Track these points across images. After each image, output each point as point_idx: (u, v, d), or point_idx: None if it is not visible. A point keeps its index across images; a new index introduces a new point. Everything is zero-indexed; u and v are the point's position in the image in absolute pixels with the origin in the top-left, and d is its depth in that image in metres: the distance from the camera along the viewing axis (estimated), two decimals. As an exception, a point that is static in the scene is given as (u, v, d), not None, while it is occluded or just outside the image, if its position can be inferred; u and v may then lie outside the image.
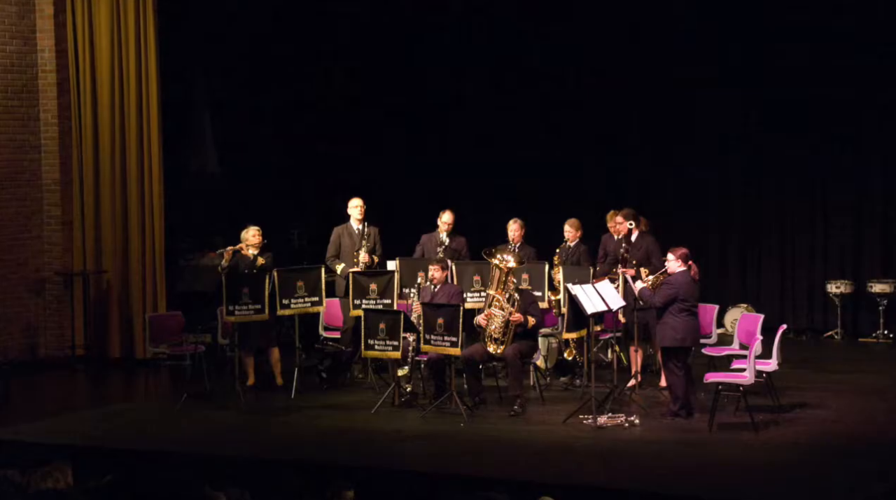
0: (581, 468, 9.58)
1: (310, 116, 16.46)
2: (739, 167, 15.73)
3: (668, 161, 15.80)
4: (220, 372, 12.71)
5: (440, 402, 11.28)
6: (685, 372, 10.79)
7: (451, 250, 12.91)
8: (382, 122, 16.58)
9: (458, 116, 16.53)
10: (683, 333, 10.68)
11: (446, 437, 10.42)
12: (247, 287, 11.87)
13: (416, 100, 16.53)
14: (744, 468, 9.39)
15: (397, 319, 11.36)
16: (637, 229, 12.16)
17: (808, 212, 15.60)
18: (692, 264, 11.07)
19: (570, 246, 12.76)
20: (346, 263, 12.87)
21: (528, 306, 11.42)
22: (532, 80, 16.08)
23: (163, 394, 13.15)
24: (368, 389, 12.27)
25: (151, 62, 14.31)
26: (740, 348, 11.72)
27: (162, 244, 14.47)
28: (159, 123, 14.38)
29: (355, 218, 12.99)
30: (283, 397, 12.03)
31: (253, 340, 12.27)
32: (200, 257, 15.47)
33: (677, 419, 10.72)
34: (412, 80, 16.45)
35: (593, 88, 15.82)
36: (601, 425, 10.54)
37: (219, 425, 11.09)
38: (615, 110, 15.80)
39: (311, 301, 12.30)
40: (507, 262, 11.37)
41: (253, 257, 12.34)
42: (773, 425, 10.51)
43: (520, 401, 11.17)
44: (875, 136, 15.02)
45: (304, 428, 10.91)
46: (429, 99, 16.55)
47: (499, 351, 11.29)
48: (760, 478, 9.18)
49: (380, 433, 10.61)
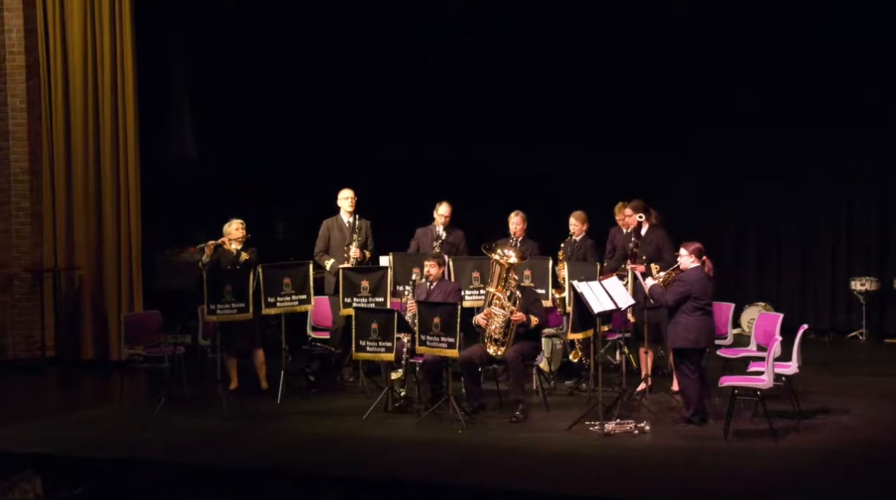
0: (587, 478, 9.56)
1: (297, 101, 16.45)
2: (757, 155, 15.73)
3: (680, 149, 15.81)
4: (201, 375, 12.68)
5: (436, 407, 11.27)
6: (699, 375, 10.79)
7: (448, 244, 12.91)
8: (375, 107, 16.57)
9: (456, 101, 16.53)
10: (697, 333, 10.67)
11: (443, 445, 10.41)
12: (229, 284, 11.85)
13: (412, 84, 16.53)
14: (761, 479, 9.37)
15: (390, 318, 11.35)
16: (647, 222, 12.16)
17: (830, 204, 15.62)
18: (706, 259, 11.06)
19: (576, 240, 12.77)
20: (335, 258, 12.86)
21: (531, 304, 11.41)
22: (536, 66, 16.10)
23: (139, 399, 13.11)
24: (359, 393, 12.27)
25: (127, 42, 14.30)
26: (758, 350, 11.72)
27: (138, 238, 14.47)
28: (135, 108, 14.37)
29: (346, 210, 12.98)
30: (269, 403, 12.01)
31: (236, 341, 12.26)
32: (180, 252, 15.46)
33: (690, 426, 10.71)
34: (408, 63, 16.45)
35: (600, 74, 15.83)
36: (609, 432, 10.54)
37: (199, 432, 11.07)
38: (624, 96, 15.81)
39: (298, 299, 12.29)
40: (508, 257, 11.36)
41: (236, 252, 12.33)
42: (793, 432, 10.51)
43: (521, 406, 11.17)
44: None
45: (291, 435, 10.89)
46: (426, 84, 16.55)
47: (499, 353, 11.29)
48: (779, 489, 9.18)
49: (371, 440, 10.60)
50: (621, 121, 15.90)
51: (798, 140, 15.41)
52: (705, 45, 15.26)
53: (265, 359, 12.47)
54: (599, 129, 15.96)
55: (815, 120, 15.19)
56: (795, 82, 15.22)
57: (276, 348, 12.51)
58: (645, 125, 15.81)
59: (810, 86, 15.11)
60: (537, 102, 16.14)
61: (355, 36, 16.38)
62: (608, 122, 15.92)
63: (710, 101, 15.54)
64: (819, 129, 15.23)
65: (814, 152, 15.45)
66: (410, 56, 16.50)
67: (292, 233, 16.23)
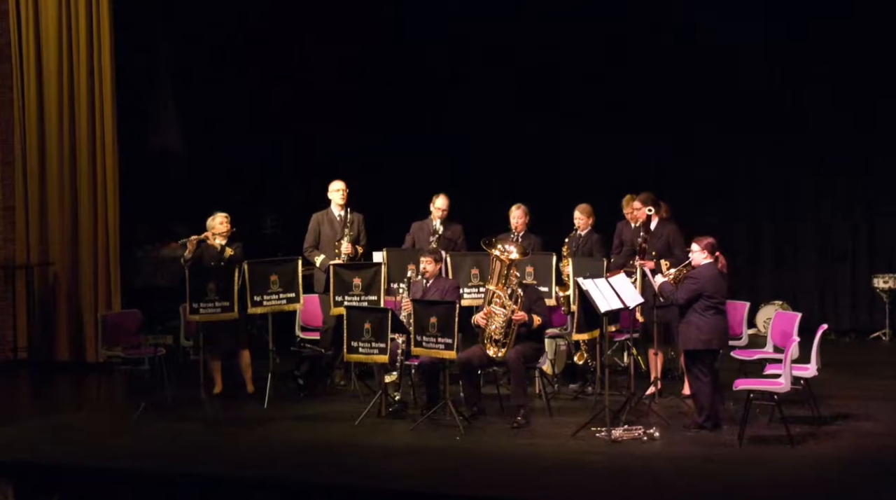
0: (593, 487, 9.54)
1: (286, 89, 16.43)
2: (772, 146, 15.73)
3: (692, 139, 15.82)
4: (183, 378, 12.67)
5: (433, 413, 11.25)
6: (711, 378, 10.76)
7: (445, 239, 12.89)
8: (368, 95, 16.55)
9: (454, 88, 16.52)
10: (710, 334, 10.64)
11: (440, 452, 10.38)
12: (213, 282, 11.83)
13: (406, 70, 16.51)
14: (778, 488, 9.35)
15: (384, 318, 11.32)
16: (657, 216, 12.13)
17: (850, 196, 15.62)
18: (720, 255, 11.03)
19: (581, 235, 12.75)
20: (326, 254, 12.84)
21: (533, 303, 11.39)
22: (539, 49, 16.08)
23: (117, 404, 13.09)
24: (351, 398, 12.26)
25: (105, 26, 14.27)
26: (774, 351, 11.71)
27: (117, 233, 14.45)
28: (114, 96, 14.34)
29: (337, 203, 12.96)
30: (255, 408, 11.99)
31: (220, 342, 12.25)
32: (161, 248, 15.46)
33: (702, 432, 10.69)
34: (402, 48, 16.43)
35: (608, 58, 15.82)
36: (616, 438, 10.52)
37: (181, 438, 11.04)
38: (633, 82, 15.81)
39: (286, 298, 12.26)
40: (509, 253, 11.33)
41: (220, 248, 12.31)
42: (812, 438, 10.48)
43: (523, 411, 11.14)
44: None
45: (278, 442, 10.86)
46: (421, 70, 16.53)
47: (500, 354, 11.26)
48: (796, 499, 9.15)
49: (364, 447, 10.57)
50: (630, 109, 15.89)
51: (817, 132, 15.40)
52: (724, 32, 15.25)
53: (251, 361, 12.46)
54: (607, 117, 15.96)
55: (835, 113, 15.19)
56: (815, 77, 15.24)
57: (263, 350, 12.49)
58: (656, 114, 15.81)
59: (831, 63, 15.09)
60: (540, 88, 16.12)
61: (346, 21, 16.36)
62: (616, 110, 15.92)
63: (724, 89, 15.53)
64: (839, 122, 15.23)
65: (834, 144, 15.43)
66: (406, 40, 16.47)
67: (280, 227, 16.20)
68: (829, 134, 15.43)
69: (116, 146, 14.36)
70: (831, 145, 15.50)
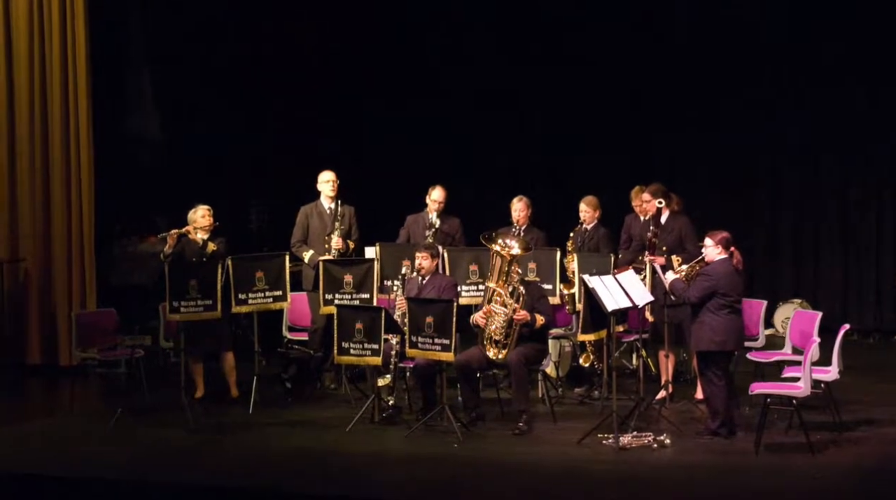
0: (599, 498, 9.56)
1: (271, 72, 16.40)
2: (792, 133, 15.72)
3: (705, 125, 15.80)
4: (163, 382, 12.65)
5: (429, 418, 11.25)
6: (726, 382, 10.76)
7: (442, 233, 12.90)
8: (359, 79, 16.53)
9: (451, 72, 16.50)
10: (724, 334, 10.64)
11: (436, 461, 10.39)
12: (195, 279, 11.81)
13: (400, 52, 16.49)
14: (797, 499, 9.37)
15: (377, 317, 11.32)
16: (668, 209, 12.13)
17: (875, 188, 15.61)
18: (735, 250, 11.04)
19: (587, 229, 12.75)
20: (315, 249, 12.84)
21: (536, 301, 11.39)
22: (542, 29, 16.06)
23: (93, 408, 13.08)
24: (342, 402, 12.26)
25: (79, 5, 14.23)
26: (793, 353, 11.72)
27: (92, 227, 14.42)
28: (88, 80, 14.31)
29: (326, 195, 12.95)
30: (239, 413, 11.99)
31: (202, 343, 12.24)
32: (139, 243, 15.45)
33: (716, 440, 10.70)
34: (396, 28, 16.41)
35: (614, 39, 15.81)
36: (624, 446, 10.52)
37: (160, 446, 11.04)
38: (643, 67, 15.78)
39: (272, 296, 12.26)
40: (510, 248, 11.33)
41: (202, 243, 12.30)
42: (833, 446, 10.49)
43: (525, 417, 11.15)
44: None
45: (264, 450, 10.86)
46: (417, 52, 16.51)
47: (500, 356, 11.26)
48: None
49: (356, 455, 10.57)
50: (640, 94, 15.87)
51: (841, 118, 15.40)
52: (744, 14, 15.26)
53: (235, 363, 12.44)
54: (615, 103, 15.93)
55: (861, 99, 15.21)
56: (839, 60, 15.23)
57: (248, 352, 12.48)
58: (667, 100, 15.79)
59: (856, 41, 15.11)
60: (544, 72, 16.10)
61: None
62: (625, 95, 15.90)
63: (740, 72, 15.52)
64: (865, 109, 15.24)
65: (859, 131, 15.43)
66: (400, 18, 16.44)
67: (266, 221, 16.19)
68: (853, 121, 15.41)
69: (91, 134, 14.33)
70: (856, 133, 15.49)
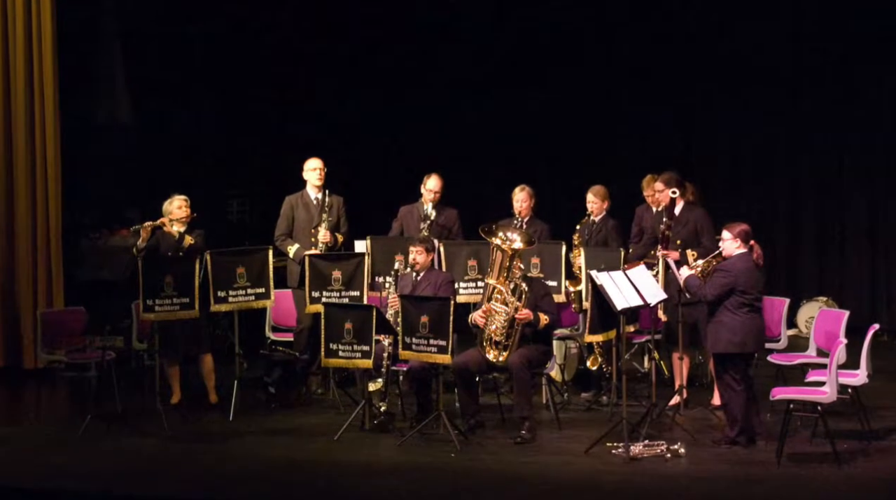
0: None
1: (253, 51, 16.39)
2: (815, 118, 15.72)
3: (722, 111, 15.78)
4: (136, 387, 12.66)
5: (424, 425, 11.26)
6: (745, 387, 10.77)
7: (438, 226, 12.89)
8: (348, 58, 16.52)
9: (448, 49, 16.48)
10: (743, 335, 10.64)
11: (432, 471, 10.39)
12: (170, 275, 11.81)
13: (393, 29, 16.47)
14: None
15: (368, 317, 11.32)
16: (682, 199, 12.13)
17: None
18: (755, 244, 11.03)
19: (595, 221, 12.74)
20: (300, 243, 12.83)
21: (540, 299, 11.39)
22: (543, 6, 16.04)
23: (59, 415, 13.09)
24: (330, 408, 12.27)
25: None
26: (818, 355, 11.73)
27: (59, 220, 14.42)
28: (54, 59, 14.30)
29: (313, 184, 12.95)
30: (219, 420, 12.00)
31: (179, 344, 12.23)
32: (109, 236, 15.43)
33: (735, 449, 10.70)
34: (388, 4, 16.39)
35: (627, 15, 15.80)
36: (635, 456, 10.53)
37: (134, 456, 11.03)
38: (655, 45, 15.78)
39: (254, 293, 12.26)
40: (511, 242, 11.33)
41: (179, 236, 12.30)
42: (861, 455, 10.49)
43: (528, 424, 11.16)
44: None
45: (246, 460, 10.86)
46: (410, 28, 16.49)
47: (501, 359, 11.27)
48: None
49: (345, 466, 10.57)
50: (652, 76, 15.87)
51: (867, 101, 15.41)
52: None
53: (214, 367, 12.44)
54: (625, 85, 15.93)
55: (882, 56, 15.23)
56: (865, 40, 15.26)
57: (228, 354, 12.48)
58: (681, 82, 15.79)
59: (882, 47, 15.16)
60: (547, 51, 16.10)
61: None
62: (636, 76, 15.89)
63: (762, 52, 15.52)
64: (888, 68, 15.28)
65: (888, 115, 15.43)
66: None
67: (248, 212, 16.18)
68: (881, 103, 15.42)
69: (57, 118, 14.32)
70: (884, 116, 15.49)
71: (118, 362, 12.71)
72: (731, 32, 15.59)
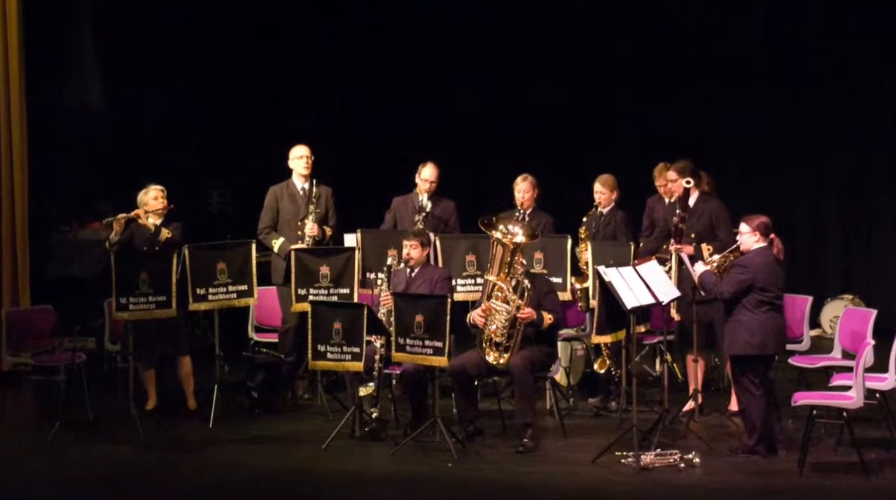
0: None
1: (233, 31, 16.38)
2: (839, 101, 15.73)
3: (739, 94, 15.78)
4: (108, 391, 12.66)
5: (418, 433, 11.26)
6: (765, 391, 10.77)
7: (434, 218, 12.90)
8: (337, 39, 16.51)
9: (445, 32, 16.48)
10: (762, 336, 10.65)
11: (427, 482, 10.40)
12: (146, 271, 11.82)
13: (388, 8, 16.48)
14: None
15: (358, 316, 11.33)
16: (697, 190, 12.13)
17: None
18: (775, 237, 11.03)
19: (603, 213, 12.76)
20: (286, 236, 12.84)
21: (543, 297, 11.40)
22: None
23: (26, 422, 13.08)
24: (318, 415, 12.28)
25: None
26: (843, 358, 11.74)
27: (25, 212, 14.42)
28: (20, 39, 14.29)
29: (299, 173, 12.95)
30: (198, 427, 12.00)
31: (154, 346, 12.24)
32: (80, 229, 15.43)
33: (754, 458, 10.71)
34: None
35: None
36: (646, 466, 10.53)
37: (106, 465, 11.03)
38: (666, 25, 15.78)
39: (236, 291, 12.26)
40: (513, 235, 11.34)
41: (155, 229, 12.29)
42: (889, 466, 10.49)
43: (531, 432, 11.16)
44: None
45: (227, 470, 10.86)
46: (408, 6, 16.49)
47: (501, 361, 11.27)
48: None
49: (333, 476, 10.58)
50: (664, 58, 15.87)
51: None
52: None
53: (193, 370, 12.45)
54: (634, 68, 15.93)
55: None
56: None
57: (208, 356, 12.48)
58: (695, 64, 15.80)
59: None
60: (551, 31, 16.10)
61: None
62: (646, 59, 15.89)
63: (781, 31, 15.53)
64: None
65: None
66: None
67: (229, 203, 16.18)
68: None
69: (24, 103, 14.32)
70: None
71: (89, 365, 12.69)
72: (749, 12, 15.62)
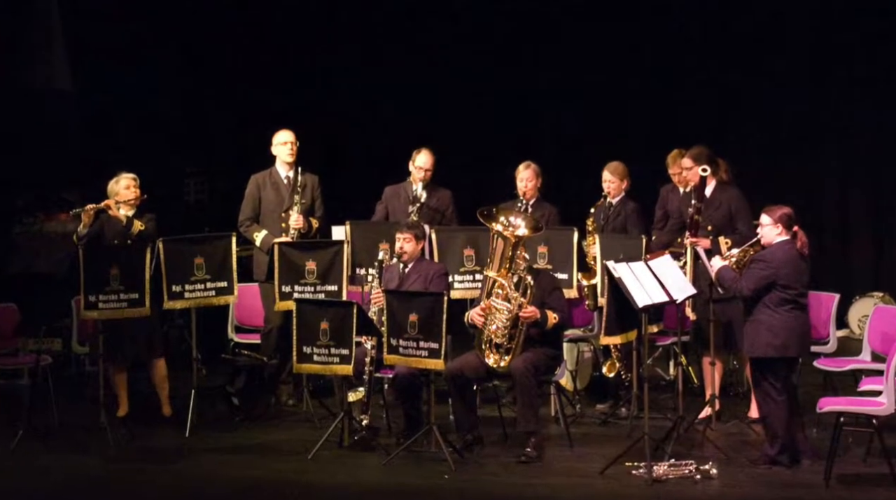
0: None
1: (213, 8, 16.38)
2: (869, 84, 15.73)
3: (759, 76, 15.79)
4: (77, 397, 12.64)
5: (412, 442, 11.25)
6: (787, 397, 10.76)
7: (429, 209, 12.89)
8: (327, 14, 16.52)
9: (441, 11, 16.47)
10: (785, 336, 10.63)
11: (422, 495, 10.41)
12: (117, 266, 11.80)
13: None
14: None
15: (347, 315, 11.31)
16: (714, 178, 12.11)
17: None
18: (798, 230, 11.00)
19: (612, 204, 12.74)
20: (269, 229, 12.83)
21: (548, 294, 11.39)
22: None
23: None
24: (304, 422, 12.29)
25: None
26: (873, 360, 11.73)
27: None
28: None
29: (283, 161, 12.94)
30: (174, 435, 12.01)
31: (126, 347, 12.23)
32: (45, 221, 15.42)
33: (776, 469, 10.70)
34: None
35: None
36: (659, 477, 10.52)
37: (74, 476, 11.03)
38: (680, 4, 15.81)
39: (215, 288, 12.26)
40: (515, 228, 11.32)
41: (126, 221, 12.28)
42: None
43: (534, 440, 11.15)
44: None
45: (205, 481, 10.86)
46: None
47: (502, 364, 11.26)
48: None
49: (320, 488, 10.58)
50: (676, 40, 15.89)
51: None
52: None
53: (168, 374, 12.44)
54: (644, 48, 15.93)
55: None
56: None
57: (185, 359, 12.46)
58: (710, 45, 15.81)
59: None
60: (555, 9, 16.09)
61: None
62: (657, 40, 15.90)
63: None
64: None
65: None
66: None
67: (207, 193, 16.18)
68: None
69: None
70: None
71: (55, 369, 12.71)
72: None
